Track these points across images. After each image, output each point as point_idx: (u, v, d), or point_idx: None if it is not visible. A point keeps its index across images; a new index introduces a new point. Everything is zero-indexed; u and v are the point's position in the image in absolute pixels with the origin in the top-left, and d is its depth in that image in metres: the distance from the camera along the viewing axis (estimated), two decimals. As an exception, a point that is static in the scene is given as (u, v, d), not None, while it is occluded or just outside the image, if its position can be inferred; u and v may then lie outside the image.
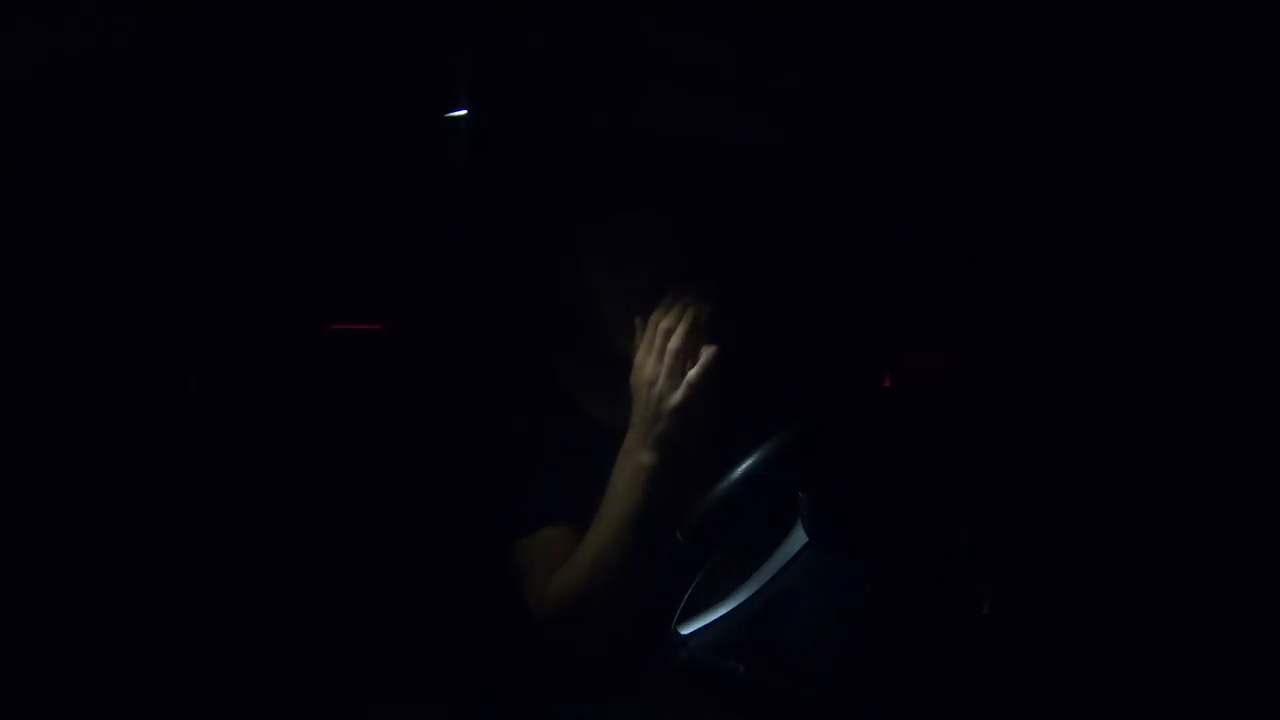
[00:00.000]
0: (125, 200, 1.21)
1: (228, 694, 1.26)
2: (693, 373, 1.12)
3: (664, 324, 1.15)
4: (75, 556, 1.20)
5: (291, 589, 1.35)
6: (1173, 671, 1.07)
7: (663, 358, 1.13)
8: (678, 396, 1.12)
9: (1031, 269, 1.27)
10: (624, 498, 1.13)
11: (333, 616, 1.36)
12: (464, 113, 1.26)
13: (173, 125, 1.15)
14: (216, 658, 1.27)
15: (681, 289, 1.17)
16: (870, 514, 0.95)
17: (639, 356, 1.15)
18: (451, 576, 1.35)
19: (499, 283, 1.45)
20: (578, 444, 1.24)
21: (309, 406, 1.42)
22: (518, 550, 1.21)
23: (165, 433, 1.30)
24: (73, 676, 1.16)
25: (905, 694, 0.90)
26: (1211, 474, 1.10)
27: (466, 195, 1.43)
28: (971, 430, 1.20)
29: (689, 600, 0.90)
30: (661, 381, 1.12)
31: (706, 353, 1.13)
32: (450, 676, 1.34)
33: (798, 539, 0.95)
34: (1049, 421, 1.23)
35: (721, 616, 0.94)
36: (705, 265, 1.23)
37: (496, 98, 1.23)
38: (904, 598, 0.93)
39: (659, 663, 0.92)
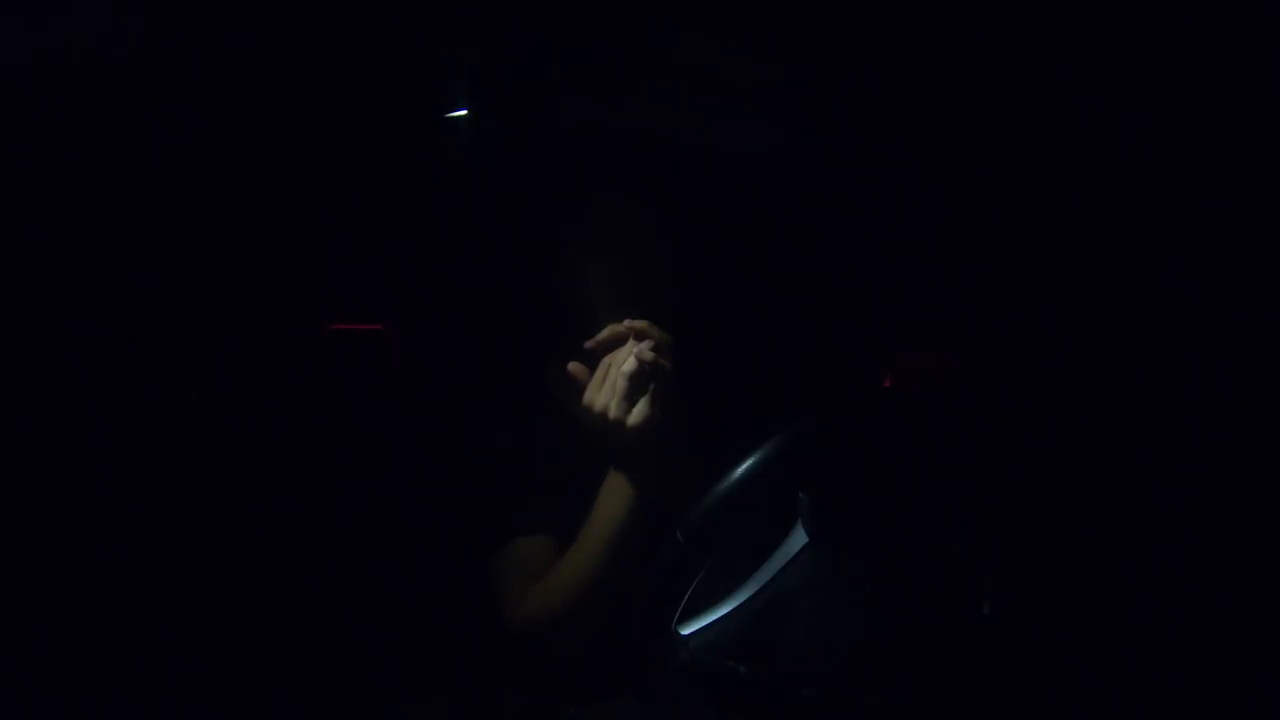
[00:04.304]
0: (125, 200, 1.21)
1: (223, 694, 1.26)
2: (646, 397, 1.10)
3: (614, 356, 1.12)
4: (78, 560, 1.20)
5: (285, 590, 1.35)
6: (1173, 672, 1.07)
7: (614, 389, 1.10)
8: (633, 418, 1.10)
9: (1032, 269, 1.27)
10: (607, 517, 1.13)
11: (328, 617, 1.36)
12: (464, 113, 1.26)
13: (173, 126, 1.15)
14: (211, 659, 1.27)
15: (630, 316, 1.14)
16: (870, 514, 0.95)
17: (588, 394, 1.13)
18: (441, 579, 1.35)
19: (493, 285, 1.46)
20: (561, 452, 1.24)
21: (307, 407, 1.42)
22: (498, 558, 1.21)
23: (165, 433, 1.30)
24: (76, 679, 1.16)
25: (905, 694, 0.90)
26: (1212, 474, 1.10)
27: (466, 195, 1.43)
28: (971, 430, 1.20)
29: (689, 600, 0.90)
30: (614, 408, 1.10)
31: (658, 370, 1.10)
32: (449, 677, 1.35)
33: (798, 539, 0.95)
34: (1049, 421, 1.23)
35: (721, 616, 0.94)
36: (665, 278, 1.22)
37: (494, 97, 1.23)
38: (904, 598, 0.93)
39: (659, 663, 0.92)
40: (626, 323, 1.12)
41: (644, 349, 1.10)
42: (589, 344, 1.14)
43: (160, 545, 1.27)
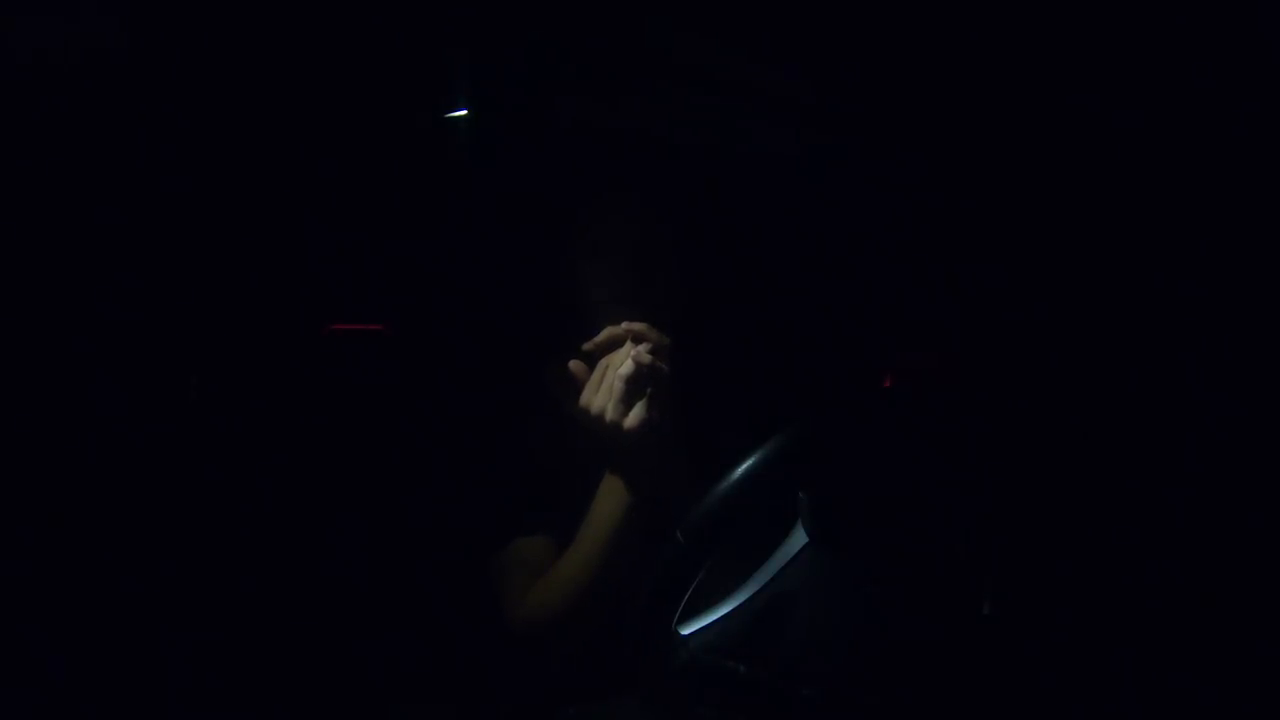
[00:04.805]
0: (126, 200, 1.21)
1: (223, 694, 1.26)
2: (643, 400, 1.09)
3: (611, 358, 1.11)
4: (79, 560, 1.20)
5: (286, 590, 1.35)
6: (1172, 673, 1.07)
7: (611, 391, 1.09)
8: (630, 420, 1.09)
9: (1031, 270, 1.27)
10: (604, 517, 1.13)
11: (328, 618, 1.36)
12: (464, 113, 1.26)
13: (174, 125, 1.15)
14: (211, 659, 1.27)
15: (628, 319, 1.13)
16: (870, 514, 0.95)
17: (585, 395, 1.12)
18: (442, 579, 1.35)
19: (494, 285, 1.46)
20: (561, 452, 1.24)
21: (307, 407, 1.42)
22: (498, 558, 1.22)
23: (165, 433, 1.30)
24: (76, 678, 1.16)
25: (905, 694, 0.90)
26: (1211, 474, 1.10)
27: (466, 195, 1.43)
28: (971, 430, 1.20)
29: (689, 600, 0.90)
30: (610, 410, 1.09)
31: (656, 373, 1.09)
32: (450, 677, 1.35)
33: (798, 539, 0.95)
34: (1049, 421, 1.23)
35: (721, 616, 0.94)
36: (669, 276, 1.22)
37: (496, 98, 1.23)
38: (904, 598, 0.93)
39: (659, 663, 0.92)
40: (625, 325, 1.12)
41: (641, 352, 1.09)
42: (587, 346, 1.14)
43: (160, 545, 1.27)
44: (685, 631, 0.93)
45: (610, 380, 1.10)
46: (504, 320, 1.44)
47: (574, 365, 1.13)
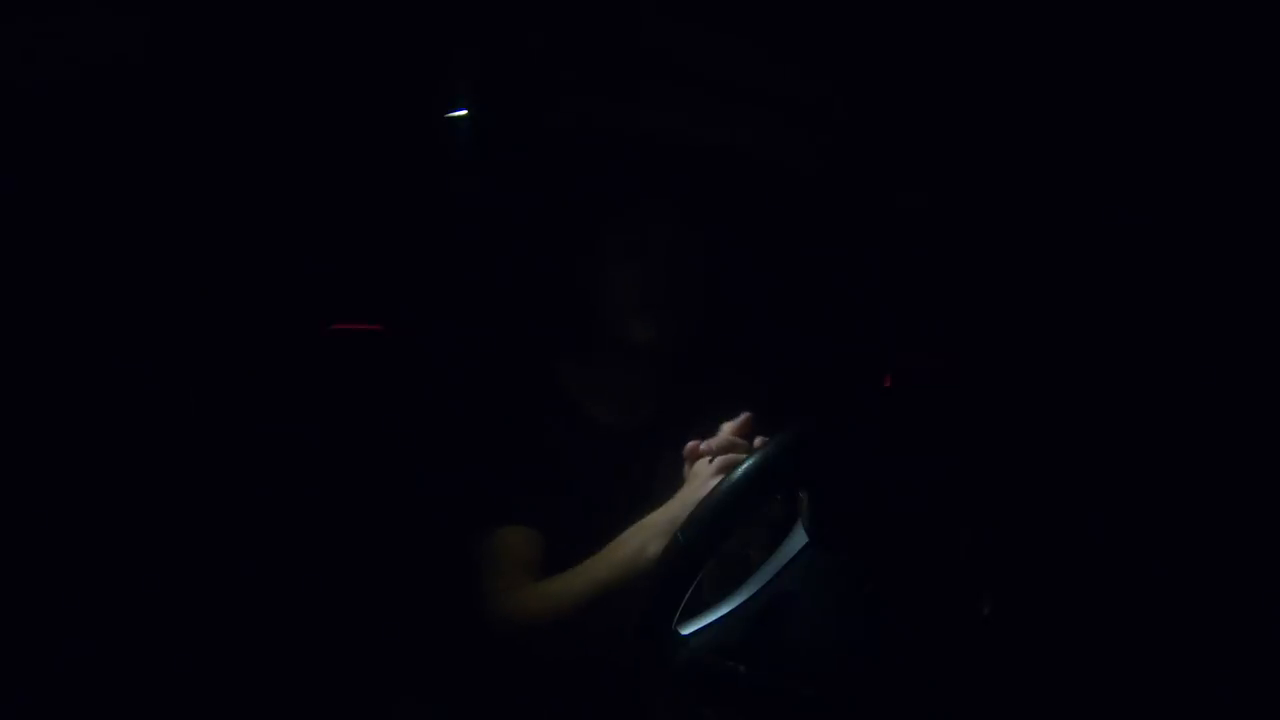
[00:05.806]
0: (127, 200, 1.21)
1: (220, 691, 1.26)
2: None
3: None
4: (78, 560, 1.20)
5: (284, 590, 1.35)
6: (1172, 673, 1.07)
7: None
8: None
9: (1031, 272, 1.27)
10: (624, 559, 1.06)
11: (327, 617, 1.37)
12: (464, 113, 1.26)
13: (175, 126, 1.15)
14: (209, 657, 1.27)
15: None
16: (870, 514, 0.95)
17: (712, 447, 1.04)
18: (441, 580, 1.35)
19: (499, 284, 1.46)
20: (564, 446, 1.24)
21: (307, 407, 1.42)
22: (479, 550, 1.20)
23: (165, 433, 1.30)
24: (72, 677, 1.16)
25: (905, 694, 0.90)
26: (1211, 474, 1.10)
27: (467, 195, 1.43)
28: (971, 431, 1.20)
29: (689, 600, 0.90)
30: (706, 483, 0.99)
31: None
32: (447, 676, 1.35)
33: (798, 539, 0.95)
34: (1049, 422, 1.23)
35: (721, 616, 0.94)
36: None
37: (501, 98, 1.23)
38: (904, 598, 0.93)
39: (659, 663, 0.92)
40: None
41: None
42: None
43: (158, 544, 1.27)
44: (685, 631, 0.93)
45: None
46: (503, 321, 1.44)
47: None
